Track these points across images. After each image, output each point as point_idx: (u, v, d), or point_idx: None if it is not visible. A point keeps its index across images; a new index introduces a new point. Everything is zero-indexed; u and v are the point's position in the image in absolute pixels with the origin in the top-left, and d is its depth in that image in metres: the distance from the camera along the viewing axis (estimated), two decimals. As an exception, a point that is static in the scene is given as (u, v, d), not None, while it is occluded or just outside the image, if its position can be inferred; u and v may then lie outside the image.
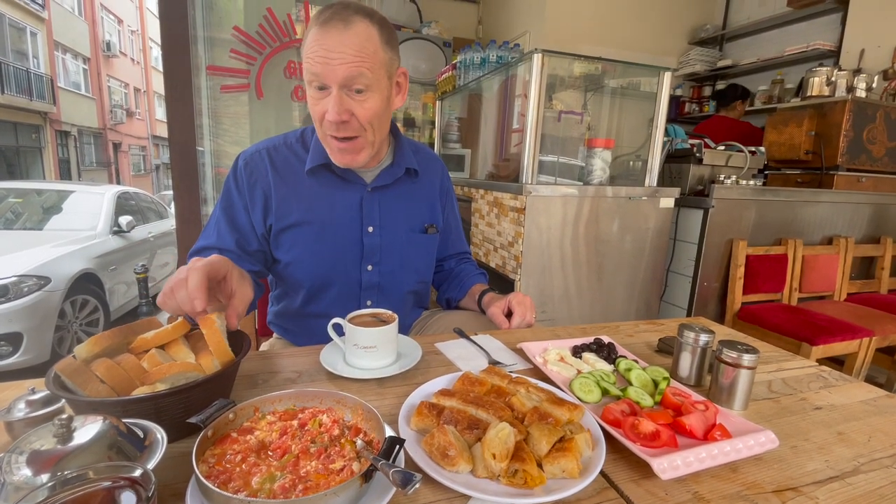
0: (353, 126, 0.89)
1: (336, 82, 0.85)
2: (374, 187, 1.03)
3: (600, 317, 2.12)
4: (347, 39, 0.83)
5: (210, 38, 2.10)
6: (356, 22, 0.84)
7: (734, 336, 1.06)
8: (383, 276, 1.06)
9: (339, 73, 0.84)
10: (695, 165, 2.39)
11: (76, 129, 15.02)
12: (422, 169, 1.09)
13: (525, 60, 1.98)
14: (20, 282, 2.93)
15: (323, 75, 0.85)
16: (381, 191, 1.04)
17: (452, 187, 1.23)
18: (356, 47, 0.84)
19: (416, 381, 0.73)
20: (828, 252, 2.47)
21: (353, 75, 0.84)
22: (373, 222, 1.03)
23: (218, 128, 2.20)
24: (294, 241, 1.01)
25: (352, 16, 0.84)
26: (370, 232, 1.03)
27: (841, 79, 2.67)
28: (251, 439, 0.50)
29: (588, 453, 0.55)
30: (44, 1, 12.92)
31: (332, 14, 0.84)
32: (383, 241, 1.05)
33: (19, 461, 0.42)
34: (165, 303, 0.69)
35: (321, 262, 1.02)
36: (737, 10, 4.34)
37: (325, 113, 0.87)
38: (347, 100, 0.87)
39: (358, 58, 0.84)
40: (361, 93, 0.87)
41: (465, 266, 1.26)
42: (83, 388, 0.55)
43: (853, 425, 0.69)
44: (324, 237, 1.01)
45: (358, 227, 1.03)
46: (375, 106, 0.89)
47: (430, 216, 1.13)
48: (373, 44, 0.86)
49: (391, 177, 1.04)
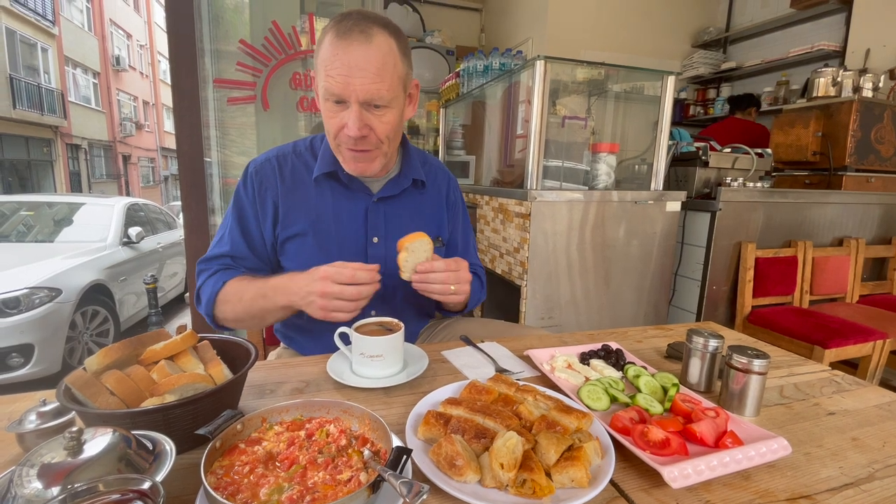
0: (371, 140, 0.89)
1: (357, 100, 0.83)
2: (380, 198, 1.02)
3: (608, 322, 2.10)
4: (370, 55, 0.81)
5: (217, 51, 2.13)
6: (377, 35, 0.82)
7: (744, 341, 1.05)
8: (387, 288, 1.04)
9: (361, 92, 0.82)
10: (701, 168, 2.38)
11: (86, 142, 15.27)
12: (429, 180, 1.08)
13: (528, 67, 1.99)
14: (32, 294, 2.97)
15: (343, 92, 0.83)
16: (387, 201, 1.03)
17: (461, 199, 1.20)
18: (378, 63, 0.82)
19: (423, 390, 0.73)
20: (839, 253, 2.44)
21: (374, 93, 0.83)
22: (378, 233, 1.02)
23: (225, 139, 2.23)
24: (298, 250, 1.01)
25: (372, 27, 0.82)
26: (375, 243, 1.02)
27: (847, 79, 2.65)
28: (259, 450, 0.50)
29: (597, 462, 0.55)
30: (54, 17, 13.19)
31: (352, 25, 0.81)
32: (387, 252, 1.02)
33: (30, 474, 0.42)
34: (327, 306, 0.80)
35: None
36: (740, 12, 4.33)
37: (343, 127, 0.86)
38: (367, 115, 0.86)
39: (379, 75, 0.82)
40: (380, 108, 0.86)
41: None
42: (94, 400, 0.56)
43: (867, 431, 0.67)
44: (328, 247, 1.00)
45: (363, 237, 1.02)
46: (393, 120, 0.89)
47: (436, 228, 1.11)
48: (393, 57, 0.84)
49: (398, 187, 1.03)
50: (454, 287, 0.88)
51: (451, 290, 0.88)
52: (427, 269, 0.87)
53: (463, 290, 0.90)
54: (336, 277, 0.80)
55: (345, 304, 0.80)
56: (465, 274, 0.91)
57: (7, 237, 3.85)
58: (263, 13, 2.17)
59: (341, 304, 0.80)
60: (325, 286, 0.80)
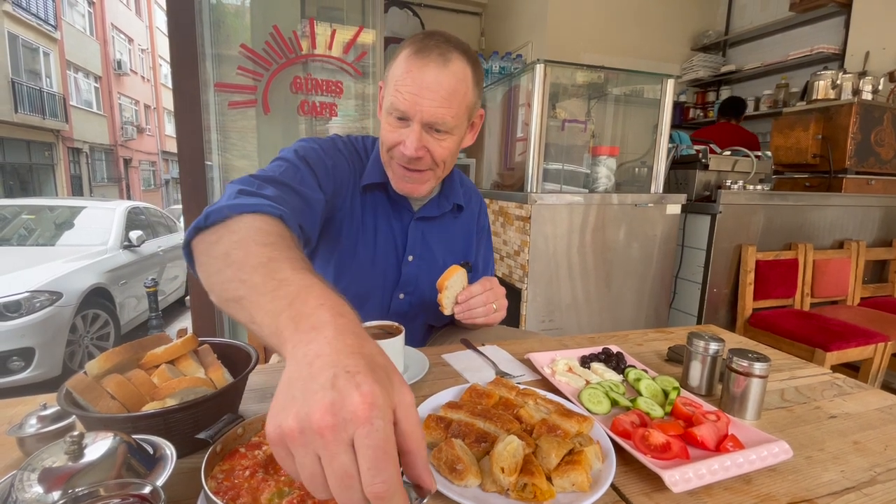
0: (426, 161, 0.87)
1: (420, 120, 0.81)
2: (420, 217, 1.00)
3: (609, 325, 2.10)
4: (444, 79, 0.79)
5: (218, 56, 2.14)
6: (454, 60, 0.80)
7: (745, 344, 1.05)
8: (412, 307, 1.03)
9: (427, 114, 0.80)
10: (701, 171, 2.38)
11: (88, 145, 15.32)
12: (465, 204, 1.06)
13: (528, 71, 2.00)
14: (32, 297, 2.97)
15: (409, 110, 0.81)
16: (427, 221, 1.01)
17: (488, 224, 1.18)
18: (450, 89, 0.80)
19: (424, 394, 0.73)
20: (839, 256, 2.44)
21: (439, 117, 0.81)
22: (414, 252, 1.00)
23: (226, 142, 2.24)
24: (330, 255, 0.97)
25: (452, 51, 0.80)
26: (410, 261, 1.00)
27: (846, 82, 2.66)
28: (259, 454, 0.50)
29: (598, 466, 0.55)
30: (56, 22, 13.26)
31: (434, 46, 0.80)
32: (420, 272, 1.01)
33: (31, 479, 0.42)
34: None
35: (353, 284, 0.98)
36: (739, 15, 4.35)
37: (400, 144, 0.84)
38: (427, 137, 0.84)
39: (448, 100, 0.80)
40: (441, 132, 0.84)
41: None
42: (94, 405, 0.56)
43: (869, 434, 0.67)
44: (363, 259, 0.97)
45: (399, 254, 1.00)
46: (452, 146, 0.87)
47: (466, 252, 1.10)
48: (465, 85, 0.82)
49: (439, 209, 1.01)
50: (496, 304, 0.87)
51: (494, 308, 0.87)
52: (467, 296, 0.86)
53: (503, 306, 0.89)
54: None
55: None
56: (499, 288, 0.90)
57: (8, 241, 3.85)
58: (264, 17, 2.18)
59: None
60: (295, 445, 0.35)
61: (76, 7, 14.92)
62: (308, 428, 0.31)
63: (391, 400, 0.33)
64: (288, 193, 0.75)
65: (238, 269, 0.50)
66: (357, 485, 0.31)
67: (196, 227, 0.61)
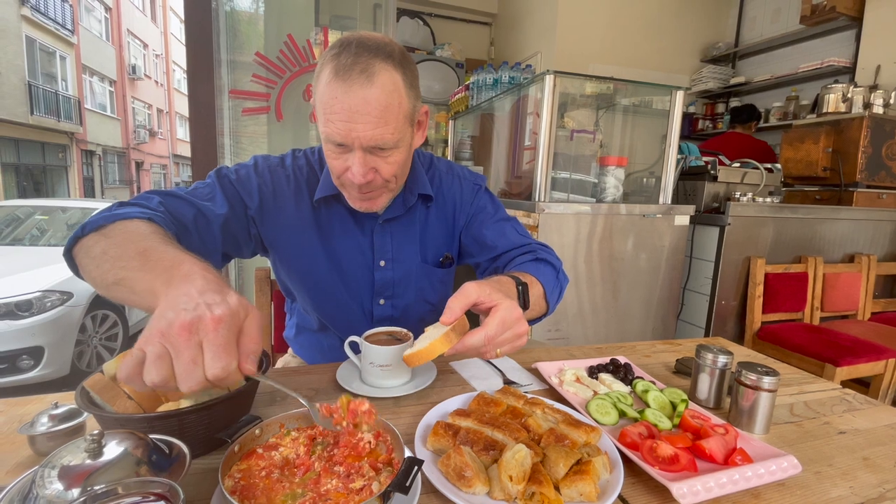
0: (377, 182, 0.82)
1: (360, 146, 0.76)
2: (385, 220, 0.95)
3: (616, 335, 2.09)
4: (373, 97, 0.72)
5: (233, 62, 2.18)
6: (379, 73, 0.73)
7: (754, 357, 1.05)
8: (396, 310, 1.01)
9: (365, 138, 0.75)
10: (709, 183, 2.38)
11: (101, 148, 15.56)
12: (436, 192, 1.00)
13: (537, 81, 2.01)
14: (44, 297, 3.01)
15: (345, 140, 0.76)
16: (393, 222, 0.96)
17: (481, 198, 1.06)
18: (381, 106, 0.73)
19: (432, 401, 0.74)
20: (850, 270, 2.42)
21: (378, 139, 0.75)
22: (385, 256, 0.97)
23: (237, 147, 2.27)
24: (292, 272, 0.97)
25: (373, 62, 0.73)
26: (382, 266, 0.97)
27: (857, 95, 2.65)
28: (276, 455, 0.51)
29: (605, 476, 0.55)
30: (73, 27, 13.53)
31: (352, 63, 0.72)
32: (395, 275, 0.98)
33: (51, 475, 0.43)
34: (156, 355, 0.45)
35: (329, 298, 0.98)
36: (749, 27, 4.35)
37: (347, 171, 0.80)
38: (371, 158, 0.78)
39: (383, 118, 0.74)
40: (385, 150, 0.78)
41: (519, 260, 0.96)
42: (112, 404, 0.57)
43: (879, 450, 0.67)
44: (332, 274, 0.95)
45: (368, 261, 0.97)
46: (400, 159, 0.82)
47: (445, 245, 1.03)
48: (398, 96, 0.76)
49: (404, 206, 0.95)
50: (508, 334, 0.67)
51: (499, 352, 0.68)
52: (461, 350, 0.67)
53: (521, 333, 0.69)
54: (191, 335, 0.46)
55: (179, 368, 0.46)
56: (510, 317, 0.67)
57: (21, 241, 3.91)
58: (279, 26, 2.22)
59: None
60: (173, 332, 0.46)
61: (93, 13, 15.24)
62: (171, 331, 0.45)
63: (239, 321, 0.49)
64: (177, 203, 0.80)
65: (117, 259, 0.59)
66: (200, 370, 0.45)
67: (74, 237, 0.68)
